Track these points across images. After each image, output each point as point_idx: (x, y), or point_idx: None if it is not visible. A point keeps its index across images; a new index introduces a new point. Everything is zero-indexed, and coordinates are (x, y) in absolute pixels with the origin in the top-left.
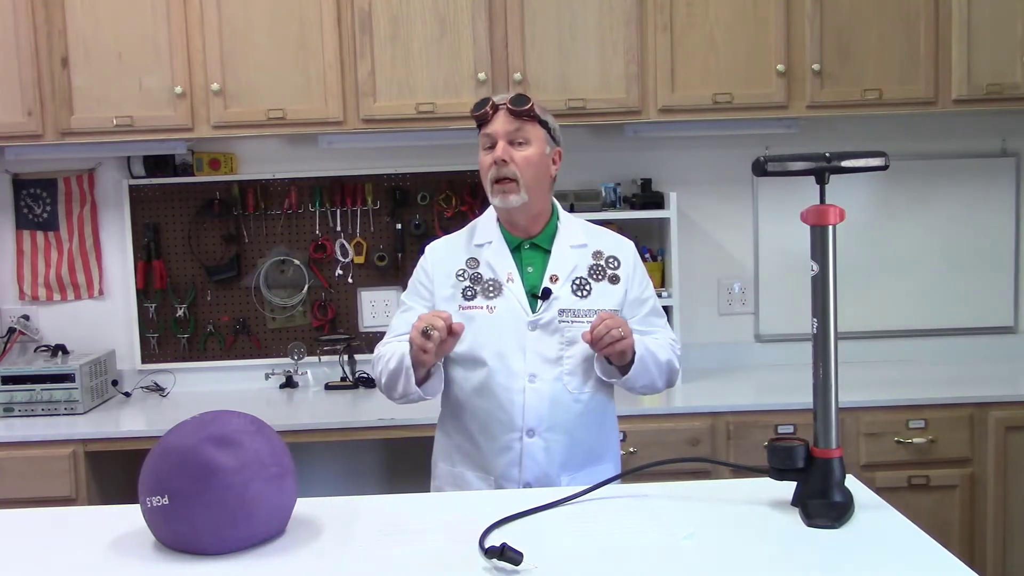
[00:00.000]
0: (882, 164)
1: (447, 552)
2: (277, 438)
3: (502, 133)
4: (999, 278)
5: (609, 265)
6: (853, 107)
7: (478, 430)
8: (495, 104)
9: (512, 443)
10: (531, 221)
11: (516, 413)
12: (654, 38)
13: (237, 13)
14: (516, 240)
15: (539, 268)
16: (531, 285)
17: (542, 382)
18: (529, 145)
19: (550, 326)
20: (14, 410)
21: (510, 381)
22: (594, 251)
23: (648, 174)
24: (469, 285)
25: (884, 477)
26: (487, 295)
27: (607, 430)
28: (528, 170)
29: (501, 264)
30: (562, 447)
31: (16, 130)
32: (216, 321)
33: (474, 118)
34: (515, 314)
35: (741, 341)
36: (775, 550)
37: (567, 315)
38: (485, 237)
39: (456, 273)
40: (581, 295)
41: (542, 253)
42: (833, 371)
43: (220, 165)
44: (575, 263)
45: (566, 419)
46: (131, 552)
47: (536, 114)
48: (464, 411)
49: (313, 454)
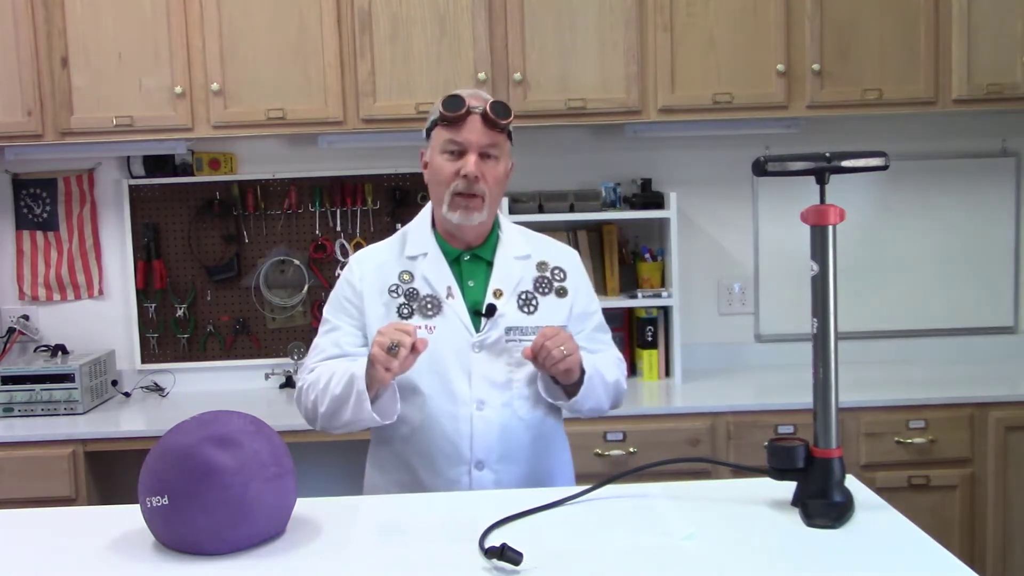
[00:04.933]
0: (882, 164)
1: (447, 552)
2: (277, 438)
3: (475, 145)
4: (999, 278)
5: (555, 277)
6: (853, 107)
7: (420, 464)
8: (470, 108)
9: (459, 477)
10: (478, 233)
11: (463, 444)
12: (654, 38)
13: (237, 13)
14: (455, 251)
15: (481, 282)
16: (473, 301)
17: (491, 409)
18: (499, 161)
19: (496, 346)
20: (14, 410)
21: (455, 409)
22: (538, 262)
23: (648, 174)
24: (404, 302)
25: (884, 477)
26: (425, 313)
27: (558, 451)
28: (495, 188)
29: (439, 278)
30: (514, 478)
31: (16, 130)
32: (216, 321)
33: (444, 117)
34: (458, 334)
35: (741, 341)
36: (775, 550)
37: (514, 333)
38: (419, 248)
39: (388, 288)
40: (528, 311)
41: (484, 265)
42: (833, 371)
43: (220, 165)
44: (520, 276)
45: (518, 448)
46: (131, 552)
47: (510, 128)
48: (403, 443)
49: (313, 454)
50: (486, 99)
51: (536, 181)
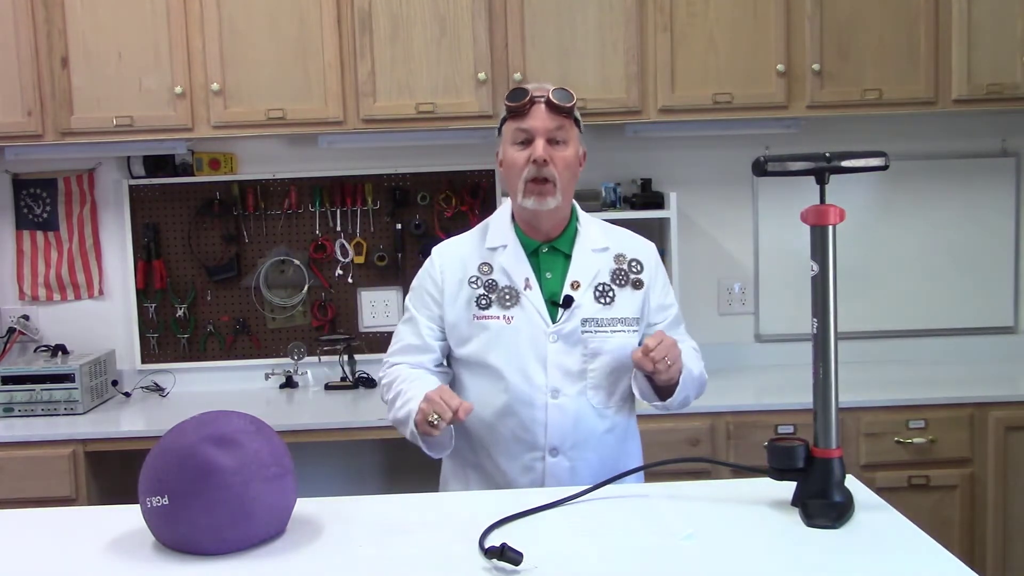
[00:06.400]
0: (882, 164)
1: (447, 552)
2: (277, 438)
3: (542, 130)
4: (999, 278)
5: (632, 269)
6: (853, 107)
7: (496, 449)
8: (533, 97)
9: (534, 463)
10: (555, 224)
11: (538, 431)
12: (654, 38)
13: (237, 13)
14: (533, 244)
15: (558, 274)
16: (550, 292)
17: (565, 398)
18: (567, 145)
19: (572, 337)
20: (14, 410)
21: (531, 397)
22: (616, 254)
23: (648, 174)
24: (483, 293)
25: (884, 477)
26: (503, 304)
27: (631, 442)
28: (565, 172)
29: (518, 270)
30: (587, 465)
31: (16, 130)
32: (216, 321)
33: (509, 109)
34: (534, 324)
35: (741, 341)
36: (775, 550)
37: (590, 325)
38: (499, 240)
39: (468, 280)
40: (604, 302)
41: (561, 257)
42: (833, 371)
43: (220, 165)
44: (597, 268)
45: (591, 436)
46: (131, 552)
47: (576, 113)
48: (480, 429)
49: (313, 454)
50: (548, 88)
51: None
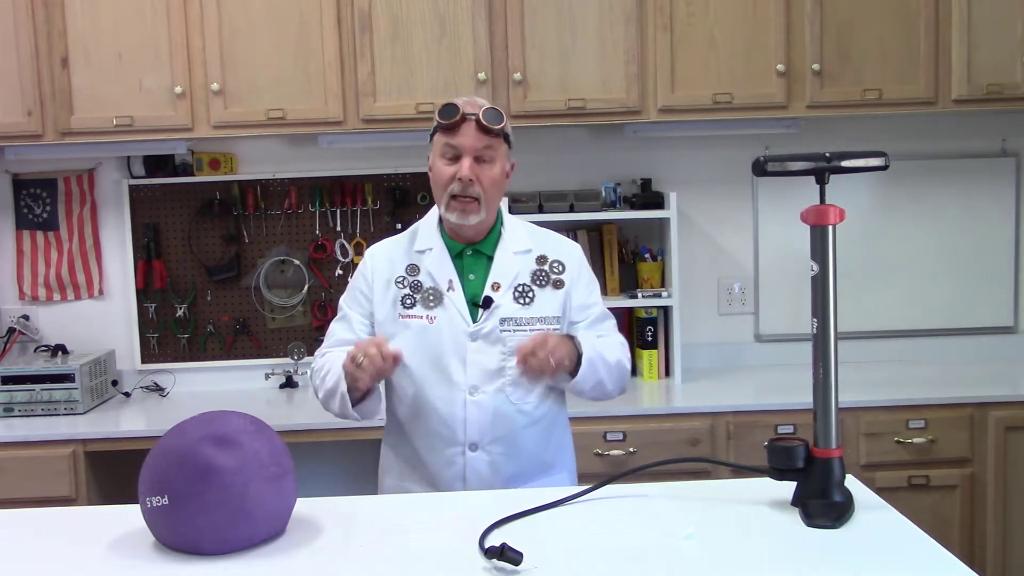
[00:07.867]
0: (882, 164)
1: (447, 552)
2: (277, 438)
3: (470, 148)
4: (999, 278)
5: (553, 270)
6: (853, 107)
7: (421, 444)
8: (464, 115)
9: (455, 457)
10: (479, 230)
11: (457, 427)
12: (654, 38)
13: (237, 13)
14: (458, 247)
15: (481, 275)
16: (473, 294)
17: (483, 394)
18: (494, 164)
19: (491, 336)
20: (14, 410)
21: (450, 394)
22: (538, 256)
23: (648, 174)
24: (409, 293)
25: (884, 477)
26: (427, 304)
27: (557, 439)
28: (492, 189)
29: (442, 272)
30: (507, 460)
31: (16, 130)
32: (216, 321)
33: (442, 125)
34: (455, 324)
35: (741, 341)
36: (775, 550)
37: (509, 324)
38: (426, 243)
39: (395, 280)
40: (524, 303)
41: (485, 260)
42: (833, 371)
43: (220, 165)
44: (517, 270)
45: (510, 432)
46: (131, 552)
47: (506, 132)
48: (408, 425)
49: (313, 454)
50: (482, 105)
51: (536, 181)
